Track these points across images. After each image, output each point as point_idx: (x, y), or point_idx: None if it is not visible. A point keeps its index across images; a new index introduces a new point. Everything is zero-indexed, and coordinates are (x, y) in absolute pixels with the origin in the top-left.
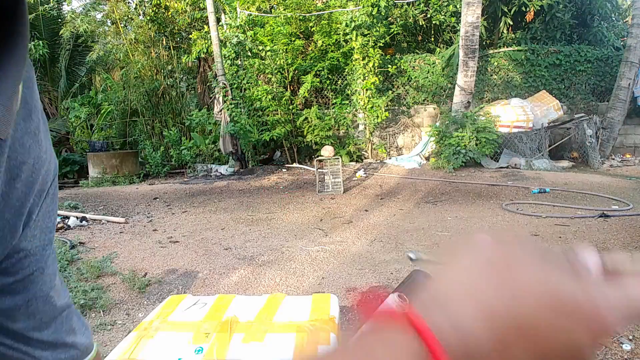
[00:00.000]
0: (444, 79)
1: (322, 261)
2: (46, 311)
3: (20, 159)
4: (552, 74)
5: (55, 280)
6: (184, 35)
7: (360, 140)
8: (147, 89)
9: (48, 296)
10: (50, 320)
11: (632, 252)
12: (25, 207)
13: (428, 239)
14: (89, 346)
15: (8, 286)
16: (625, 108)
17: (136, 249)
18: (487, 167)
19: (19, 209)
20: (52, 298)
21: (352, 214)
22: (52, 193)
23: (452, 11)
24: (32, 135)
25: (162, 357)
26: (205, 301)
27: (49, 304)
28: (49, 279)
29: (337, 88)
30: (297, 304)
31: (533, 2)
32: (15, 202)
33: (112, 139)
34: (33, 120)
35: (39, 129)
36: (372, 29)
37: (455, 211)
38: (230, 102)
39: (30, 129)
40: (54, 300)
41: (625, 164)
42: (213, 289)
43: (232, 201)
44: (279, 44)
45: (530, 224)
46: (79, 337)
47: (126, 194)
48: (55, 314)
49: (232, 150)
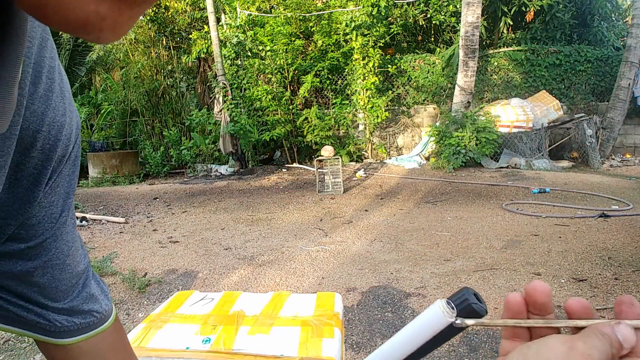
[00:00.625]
0: (444, 79)
1: (322, 261)
2: (62, 279)
3: (33, 128)
4: (552, 74)
5: (72, 246)
6: (184, 35)
7: (360, 140)
8: (147, 89)
9: (64, 263)
10: (67, 288)
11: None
12: (44, 174)
13: (428, 239)
14: (107, 312)
15: (20, 252)
16: (625, 108)
17: (136, 249)
18: (487, 167)
19: (36, 176)
20: (68, 265)
21: (352, 214)
22: (74, 156)
23: (452, 11)
24: (44, 100)
25: (170, 347)
26: (212, 297)
27: (65, 272)
28: (65, 246)
29: (337, 88)
30: (301, 301)
31: (533, 2)
32: (32, 170)
33: (112, 139)
34: (43, 81)
35: (51, 90)
36: (372, 29)
37: (455, 211)
38: (230, 102)
39: (39, 92)
40: (70, 267)
41: (625, 164)
42: (213, 289)
43: (232, 201)
44: (279, 44)
45: (530, 224)
46: (97, 304)
47: (126, 194)
48: (72, 281)
49: (232, 150)
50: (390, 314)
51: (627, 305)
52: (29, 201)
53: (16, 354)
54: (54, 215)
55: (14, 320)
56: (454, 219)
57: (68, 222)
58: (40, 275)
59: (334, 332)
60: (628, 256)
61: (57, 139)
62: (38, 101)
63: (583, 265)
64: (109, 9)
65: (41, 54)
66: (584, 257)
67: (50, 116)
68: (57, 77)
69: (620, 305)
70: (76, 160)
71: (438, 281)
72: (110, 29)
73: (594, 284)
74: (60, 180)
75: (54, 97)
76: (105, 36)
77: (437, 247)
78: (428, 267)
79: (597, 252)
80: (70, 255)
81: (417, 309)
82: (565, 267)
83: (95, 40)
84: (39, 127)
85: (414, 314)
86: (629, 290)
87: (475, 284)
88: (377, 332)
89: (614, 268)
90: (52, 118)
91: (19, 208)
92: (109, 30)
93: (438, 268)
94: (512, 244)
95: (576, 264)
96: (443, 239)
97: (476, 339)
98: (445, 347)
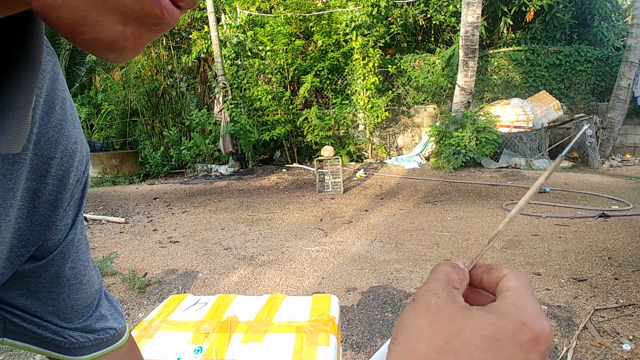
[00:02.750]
0: (444, 79)
1: (322, 261)
2: (78, 298)
3: (47, 155)
4: (552, 74)
5: (87, 266)
6: (184, 35)
7: (360, 140)
8: (147, 89)
9: (80, 283)
10: (81, 308)
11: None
12: (60, 200)
13: (428, 239)
14: (121, 330)
15: (32, 271)
16: (625, 108)
17: (136, 249)
18: (487, 167)
19: (53, 202)
20: (84, 285)
21: (352, 214)
22: (85, 180)
23: (452, 11)
24: (57, 129)
25: (161, 357)
26: (206, 301)
27: (81, 291)
28: (81, 266)
29: (337, 88)
30: (297, 304)
31: (533, 2)
32: (48, 197)
33: (112, 139)
34: (56, 112)
35: (64, 120)
36: (372, 29)
37: (455, 211)
38: (230, 102)
39: (53, 122)
40: (86, 287)
41: (625, 164)
42: (213, 289)
43: (232, 201)
44: (279, 44)
45: (530, 224)
46: (109, 322)
47: (126, 194)
48: (87, 301)
49: (232, 150)
50: (390, 314)
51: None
52: (48, 227)
53: (16, 353)
54: (63, 233)
55: (28, 337)
56: (454, 219)
57: (82, 242)
58: (56, 293)
59: (329, 340)
60: (628, 256)
61: (69, 165)
62: (52, 130)
63: (583, 265)
64: (132, 31)
65: (54, 86)
66: (584, 257)
67: (63, 144)
68: (69, 108)
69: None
70: (86, 184)
71: None
72: (131, 49)
73: (594, 284)
74: (72, 204)
75: (67, 126)
76: (126, 55)
77: (437, 247)
78: (428, 267)
79: (597, 252)
80: (86, 275)
81: None
82: (565, 267)
83: (115, 59)
84: (52, 154)
85: None
86: (629, 290)
87: None
88: (377, 332)
89: (614, 268)
90: (65, 146)
91: (38, 234)
92: (129, 50)
93: None
94: (512, 244)
95: (576, 264)
96: (443, 239)
97: None
98: None
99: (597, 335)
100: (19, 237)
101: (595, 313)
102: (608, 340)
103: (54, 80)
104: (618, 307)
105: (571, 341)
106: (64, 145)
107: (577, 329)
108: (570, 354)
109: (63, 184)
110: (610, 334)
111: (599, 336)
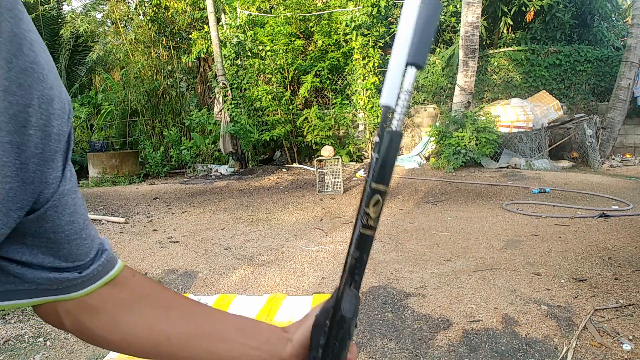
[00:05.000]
0: (444, 79)
1: (322, 261)
2: (78, 254)
3: (23, 102)
4: (552, 74)
5: (80, 220)
6: (184, 35)
7: (360, 140)
8: (147, 89)
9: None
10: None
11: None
12: (48, 151)
13: (428, 239)
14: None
15: (23, 225)
16: (625, 108)
17: (136, 249)
18: (487, 167)
19: (41, 156)
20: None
21: (352, 214)
22: (69, 130)
23: (452, 11)
24: (29, 73)
25: None
26: (206, 300)
27: (80, 246)
28: (74, 218)
29: (337, 88)
30: (297, 304)
31: (533, 2)
32: (35, 151)
33: (112, 139)
34: (25, 54)
35: (36, 63)
36: (372, 29)
37: (455, 211)
38: (230, 102)
39: (22, 65)
40: (85, 244)
41: (625, 164)
42: (213, 289)
43: (232, 201)
44: (279, 44)
45: (530, 224)
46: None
47: (126, 194)
48: (87, 256)
49: (232, 150)
50: (390, 314)
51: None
52: (42, 182)
53: (16, 354)
54: (55, 186)
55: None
56: (454, 219)
57: (77, 194)
58: (55, 249)
59: None
60: (628, 256)
61: (49, 112)
62: (23, 74)
63: (583, 265)
64: None
65: (19, 26)
66: (584, 257)
67: (38, 89)
68: (40, 51)
69: None
70: (70, 134)
71: (438, 281)
72: None
73: (594, 284)
74: (59, 155)
75: (40, 70)
76: None
77: (437, 247)
78: (428, 267)
79: (597, 252)
80: (86, 228)
81: (417, 309)
82: (565, 267)
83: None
84: (28, 101)
85: (414, 314)
86: (629, 290)
87: (475, 284)
88: (377, 332)
89: (614, 268)
90: (41, 92)
91: (32, 192)
92: None
93: (438, 268)
94: (512, 244)
95: (576, 264)
96: (443, 239)
97: (476, 338)
98: (445, 348)
99: (597, 335)
100: (13, 198)
101: (595, 313)
102: (608, 340)
103: (18, 18)
104: (618, 307)
105: (571, 341)
106: (39, 91)
107: (577, 329)
108: (570, 354)
109: (47, 134)
110: (610, 334)
111: (599, 336)
